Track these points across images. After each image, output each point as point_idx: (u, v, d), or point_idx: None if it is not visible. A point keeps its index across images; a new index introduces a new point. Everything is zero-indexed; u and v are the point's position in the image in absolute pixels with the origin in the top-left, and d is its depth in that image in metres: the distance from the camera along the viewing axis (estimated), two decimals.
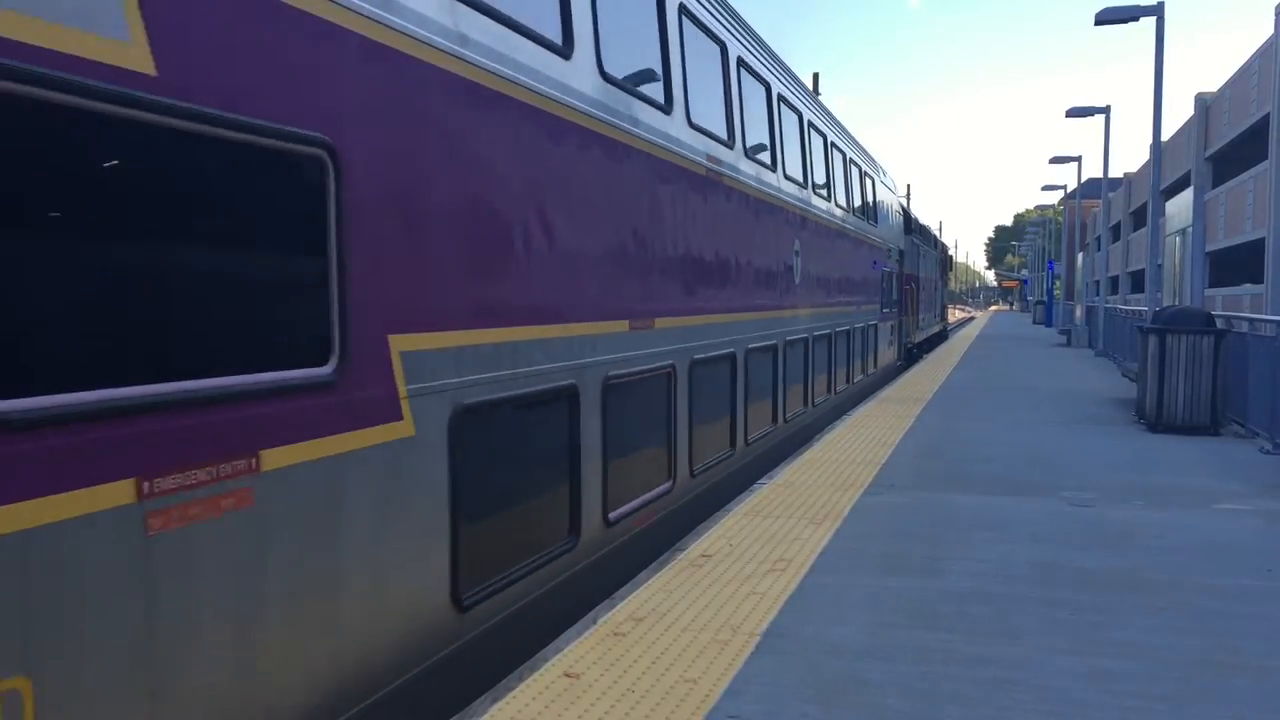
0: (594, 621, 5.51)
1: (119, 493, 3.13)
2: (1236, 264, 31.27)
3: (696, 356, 8.88)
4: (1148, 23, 18.71)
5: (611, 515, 7.06)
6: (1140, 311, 22.10)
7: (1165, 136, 30.66)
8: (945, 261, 49.10)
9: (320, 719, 4.07)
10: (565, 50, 6.31)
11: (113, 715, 3.12)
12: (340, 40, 4.17)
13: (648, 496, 7.82)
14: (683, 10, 8.44)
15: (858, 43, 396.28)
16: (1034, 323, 59.35)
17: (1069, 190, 55.09)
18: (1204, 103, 34.96)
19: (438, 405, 4.86)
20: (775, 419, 11.85)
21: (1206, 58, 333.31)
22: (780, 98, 12.08)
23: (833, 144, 15.71)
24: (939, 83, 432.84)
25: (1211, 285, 33.72)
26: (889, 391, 18.14)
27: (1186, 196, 36.83)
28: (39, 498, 2.88)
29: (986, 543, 7.31)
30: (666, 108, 8.13)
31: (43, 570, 2.90)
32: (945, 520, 8.02)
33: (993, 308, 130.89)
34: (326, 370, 4.12)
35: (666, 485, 8.24)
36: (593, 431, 6.72)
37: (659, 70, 8.12)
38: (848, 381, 16.89)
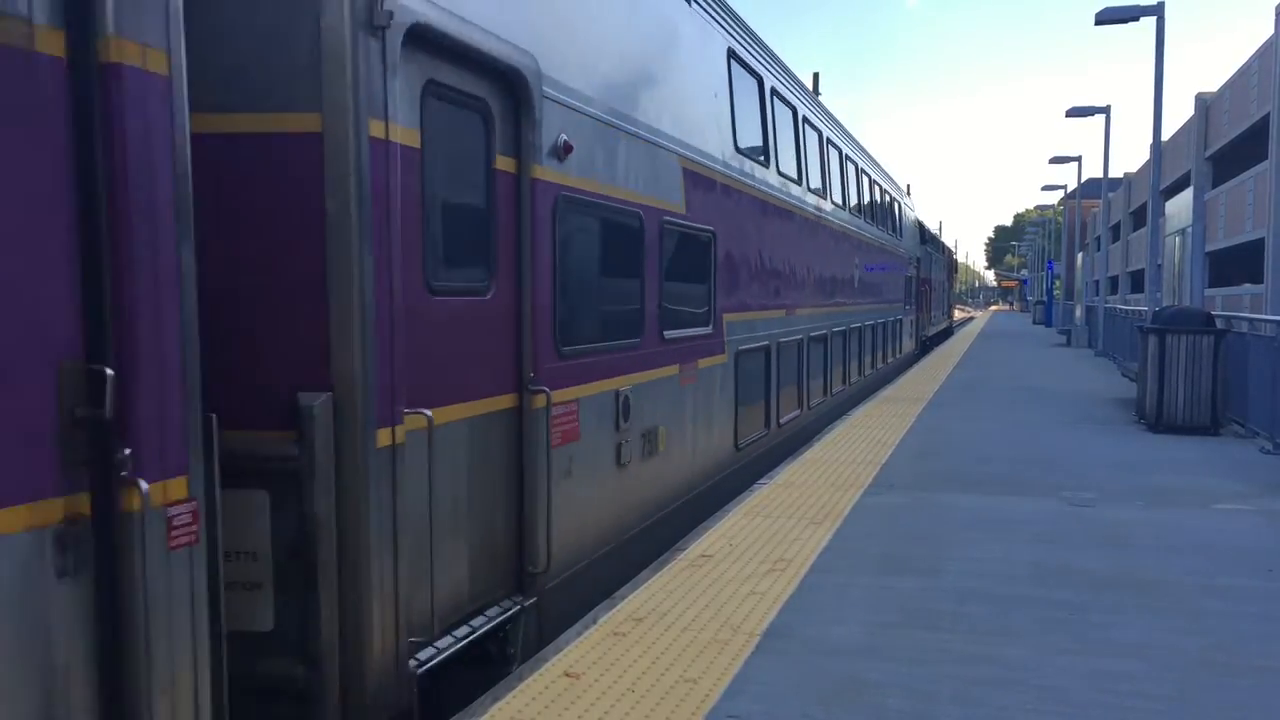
0: (594, 621, 5.51)
1: (674, 370, 7.93)
2: (1236, 264, 31.25)
3: (811, 334, 13.34)
4: (1148, 23, 18.69)
5: (781, 420, 11.69)
6: (1140, 311, 22.09)
7: (1165, 136, 30.67)
8: (951, 265, 55.55)
9: (699, 482, 8.72)
10: (766, 162, 11.00)
11: (676, 438, 8.02)
12: (715, 186, 9.08)
13: (791, 415, 12.30)
14: (806, 122, 13.27)
15: (857, 42, 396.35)
16: (1034, 323, 59.37)
17: (1069, 190, 55.06)
18: (1204, 103, 34.93)
19: (732, 348, 9.58)
20: (845, 381, 16.27)
21: (1206, 58, 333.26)
22: (847, 156, 16.82)
23: (875, 181, 20.31)
24: (939, 82, 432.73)
25: (1211, 285, 33.71)
26: (889, 391, 18.16)
27: (1186, 196, 36.82)
28: (660, 368, 7.62)
29: (986, 543, 7.31)
30: (799, 181, 12.73)
31: (665, 391, 7.73)
32: (945, 520, 8.02)
33: (992, 308, 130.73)
34: (709, 329, 8.98)
35: (798, 411, 12.69)
36: (773, 373, 11.29)
37: (795, 157, 12.63)
38: (884, 361, 21.36)
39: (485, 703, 4.47)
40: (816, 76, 25.95)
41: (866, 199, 18.91)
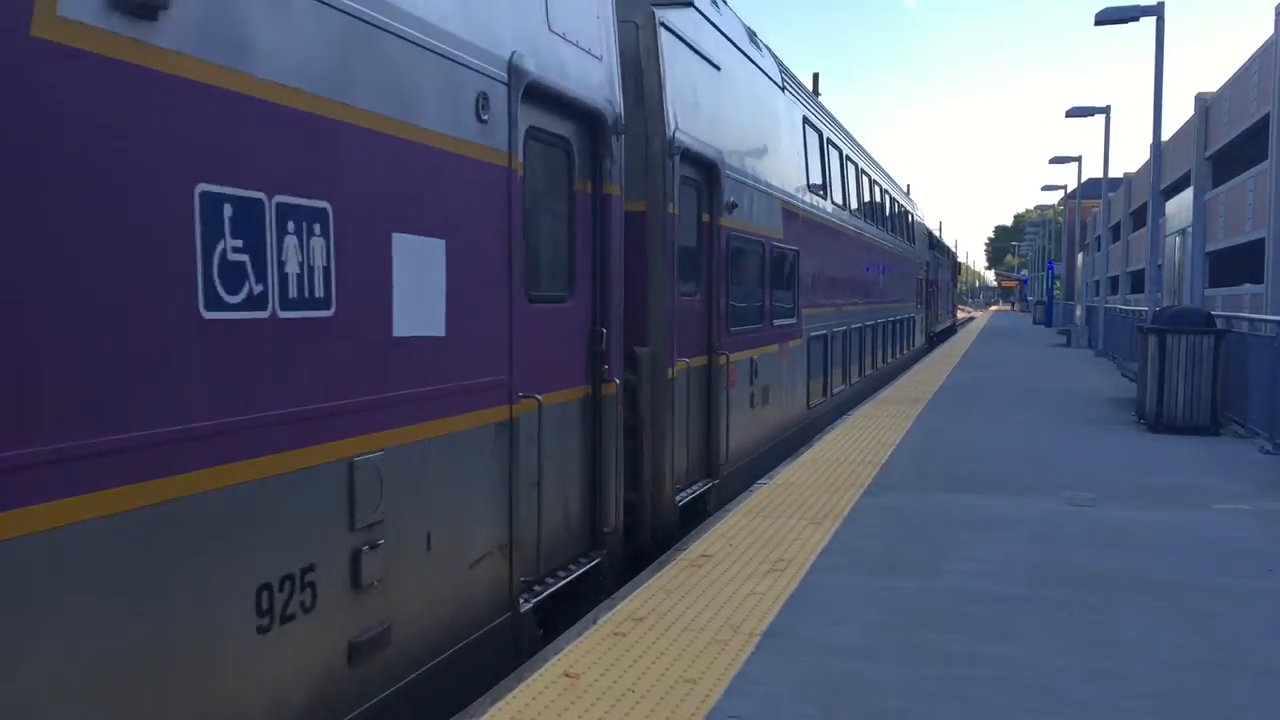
0: (594, 621, 5.50)
1: (776, 348, 11.40)
2: (1236, 264, 31.24)
3: (852, 326, 16.95)
4: (1148, 23, 18.67)
5: (833, 391, 15.20)
6: (1140, 311, 22.09)
7: (1165, 136, 30.65)
8: (955, 268, 61.09)
9: (787, 429, 11.95)
10: (824, 195, 14.53)
11: (776, 396, 11.43)
12: (797, 217, 12.40)
13: (839, 388, 15.78)
14: (848, 158, 17.03)
15: (857, 42, 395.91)
16: (1034, 323, 59.30)
17: (1069, 190, 55.06)
18: (1204, 103, 34.90)
19: (806, 335, 12.79)
20: (875, 365, 19.80)
21: (1206, 58, 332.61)
22: (874, 181, 20.66)
23: (895, 199, 24.50)
24: (939, 82, 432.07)
25: (1211, 285, 33.69)
26: (888, 392, 18.16)
27: (1186, 196, 36.81)
28: (771, 345, 11.23)
29: (986, 543, 7.31)
30: (845, 206, 16.41)
31: (772, 362, 11.24)
32: (945, 520, 8.02)
33: (993, 308, 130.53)
34: (794, 320, 12.30)
35: (843, 386, 16.17)
36: (828, 355, 14.71)
37: (841, 188, 16.17)
38: (902, 351, 24.97)
39: (485, 703, 4.47)
40: (816, 77, 25.92)
41: (889, 214, 22.90)
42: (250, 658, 3.62)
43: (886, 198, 22.60)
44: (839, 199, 15.84)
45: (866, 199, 19.23)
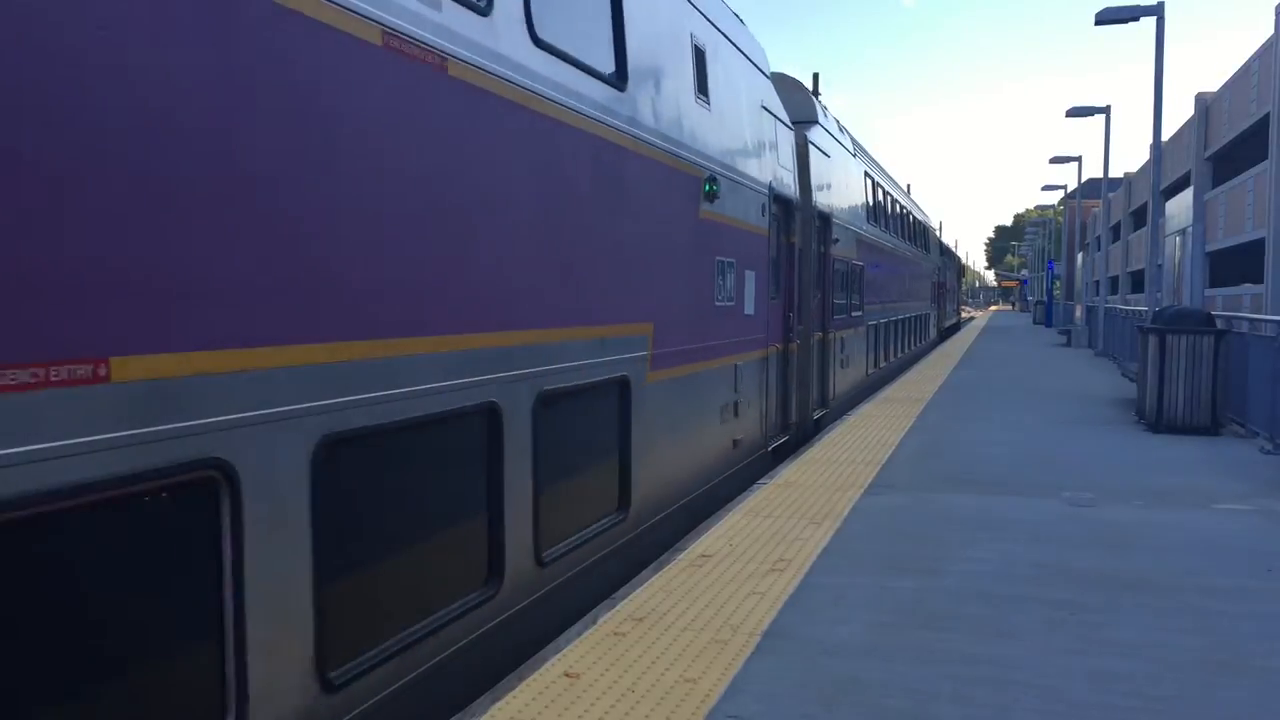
0: (594, 621, 5.50)
1: (853, 330, 17.74)
2: (1236, 264, 31.24)
3: (890, 320, 22.40)
4: (1148, 23, 18.65)
5: (880, 365, 20.90)
6: (1140, 311, 22.08)
7: (1165, 136, 30.62)
8: (960, 270, 69.50)
9: (859, 386, 18.07)
10: (875, 222, 20.38)
11: (852, 363, 17.42)
12: (864, 242, 18.21)
13: (883, 364, 21.07)
14: (887, 193, 22.87)
15: (857, 42, 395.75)
16: (1034, 323, 59.26)
17: (1069, 190, 55.06)
18: (1204, 103, 34.92)
19: (866, 323, 18.83)
20: (903, 350, 25.46)
21: (1206, 58, 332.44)
22: (904, 207, 27.01)
23: (918, 220, 31.25)
24: (939, 83, 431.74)
25: (1211, 285, 33.70)
26: (889, 391, 18.17)
27: (1186, 196, 36.81)
28: (850, 329, 17.31)
29: (986, 543, 7.31)
30: (888, 229, 22.48)
31: (851, 340, 17.26)
32: (945, 520, 8.02)
33: (993, 307, 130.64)
34: (861, 313, 18.12)
35: (885, 362, 21.45)
36: (877, 339, 20.48)
37: (886, 217, 22.27)
38: (919, 343, 30.47)
39: (485, 703, 4.47)
40: (816, 77, 25.85)
41: (913, 231, 28.99)
42: (717, 432, 9.20)
43: (911, 218, 29.18)
44: (884, 225, 22.00)
45: (899, 221, 25.61)
